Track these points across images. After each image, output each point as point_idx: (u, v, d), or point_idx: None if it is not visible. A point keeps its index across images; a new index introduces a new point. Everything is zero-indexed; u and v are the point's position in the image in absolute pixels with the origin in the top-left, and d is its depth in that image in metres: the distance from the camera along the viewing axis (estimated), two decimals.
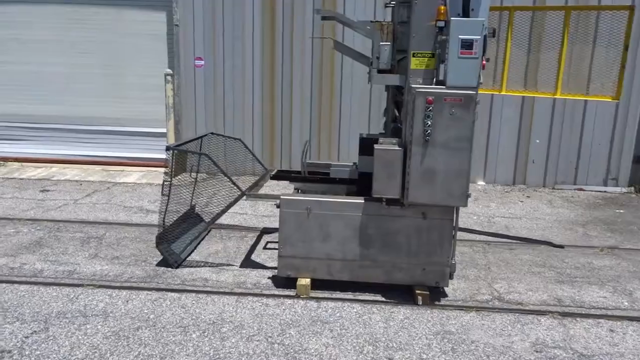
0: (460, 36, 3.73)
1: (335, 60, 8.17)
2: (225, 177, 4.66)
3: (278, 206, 4.37)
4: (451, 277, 4.32)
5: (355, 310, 4.11)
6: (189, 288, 4.44)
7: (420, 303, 4.20)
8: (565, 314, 4.15)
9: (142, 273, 4.73)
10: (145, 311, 4.01)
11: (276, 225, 6.30)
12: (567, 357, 3.55)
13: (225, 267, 4.92)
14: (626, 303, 4.40)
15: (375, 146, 4.09)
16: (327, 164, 5.59)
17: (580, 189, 8.29)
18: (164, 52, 8.53)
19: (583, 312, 4.20)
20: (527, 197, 7.86)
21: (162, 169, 8.68)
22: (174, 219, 5.18)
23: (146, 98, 8.64)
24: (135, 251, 5.27)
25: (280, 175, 5.20)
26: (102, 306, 4.07)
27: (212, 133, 5.76)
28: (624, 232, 6.35)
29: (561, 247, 5.80)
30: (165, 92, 8.12)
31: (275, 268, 4.90)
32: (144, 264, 4.94)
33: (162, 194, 4.87)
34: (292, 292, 4.38)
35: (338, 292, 4.40)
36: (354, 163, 5.76)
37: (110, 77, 8.73)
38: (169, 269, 4.82)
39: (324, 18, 5.15)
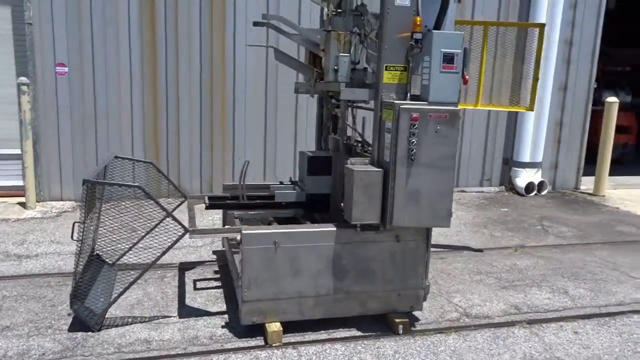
0: (442, 49, 3.54)
1: (227, 65, 7.50)
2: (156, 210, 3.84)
3: (239, 243, 3.71)
4: (425, 299, 4.14)
5: (340, 352, 3.67)
6: (131, 356, 3.54)
7: (401, 332, 3.94)
8: (530, 322, 4.24)
9: (55, 345, 3.65)
10: None
11: (192, 258, 5.54)
12: None
13: (162, 320, 4.07)
14: (569, 302, 4.68)
15: (353, 168, 3.70)
16: (263, 185, 5.03)
17: (463, 191, 8.89)
18: (13, 57, 6.96)
19: (542, 317, 4.35)
20: None
21: (17, 199, 7.12)
22: (81, 267, 4.15)
23: None
24: (30, 315, 4.09)
25: (217, 204, 4.49)
26: None
27: (116, 157, 4.77)
28: (521, 230, 6.90)
29: (480, 251, 6.05)
30: (19, 105, 6.61)
31: (222, 313, 4.22)
32: (52, 332, 3.84)
33: (75, 240, 3.84)
34: (259, 341, 3.77)
35: (310, 332, 3.91)
36: (287, 182, 5.30)
37: None
38: (90, 333, 3.81)
39: (256, 24, 4.60)
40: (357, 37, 4.37)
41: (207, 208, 4.48)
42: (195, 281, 4.86)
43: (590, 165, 9.28)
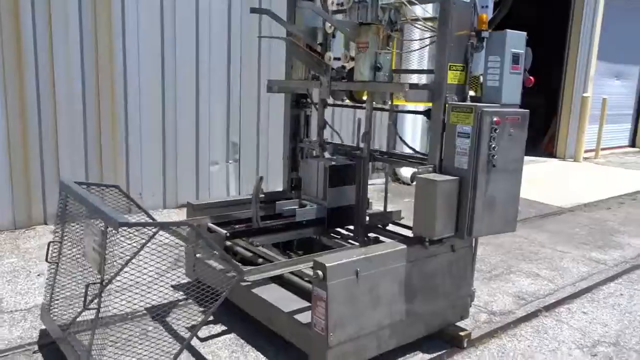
0: (512, 50, 3.43)
1: (115, 58, 6.16)
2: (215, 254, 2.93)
3: (321, 278, 3.05)
4: (470, 305, 4.02)
5: None
6: None
7: (466, 345, 3.76)
8: (546, 309, 4.48)
9: None
10: None
11: (153, 300, 4.37)
12: (611, 350, 3.86)
13: None
14: (550, 284, 5.07)
15: (434, 178, 3.35)
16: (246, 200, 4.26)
17: None
18: None
19: (548, 303, 4.60)
20: None
21: None
22: None
23: None
24: None
25: (237, 232, 3.62)
26: None
27: (76, 182, 3.49)
28: None
29: None
30: None
31: None
32: None
33: (88, 307, 2.67)
34: None
35: None
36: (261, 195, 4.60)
37: None
38: None
39: (253, 10, 3.82)
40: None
41: (226, 239, 3.58)
42: (189, 329, 3.88)
43: None
